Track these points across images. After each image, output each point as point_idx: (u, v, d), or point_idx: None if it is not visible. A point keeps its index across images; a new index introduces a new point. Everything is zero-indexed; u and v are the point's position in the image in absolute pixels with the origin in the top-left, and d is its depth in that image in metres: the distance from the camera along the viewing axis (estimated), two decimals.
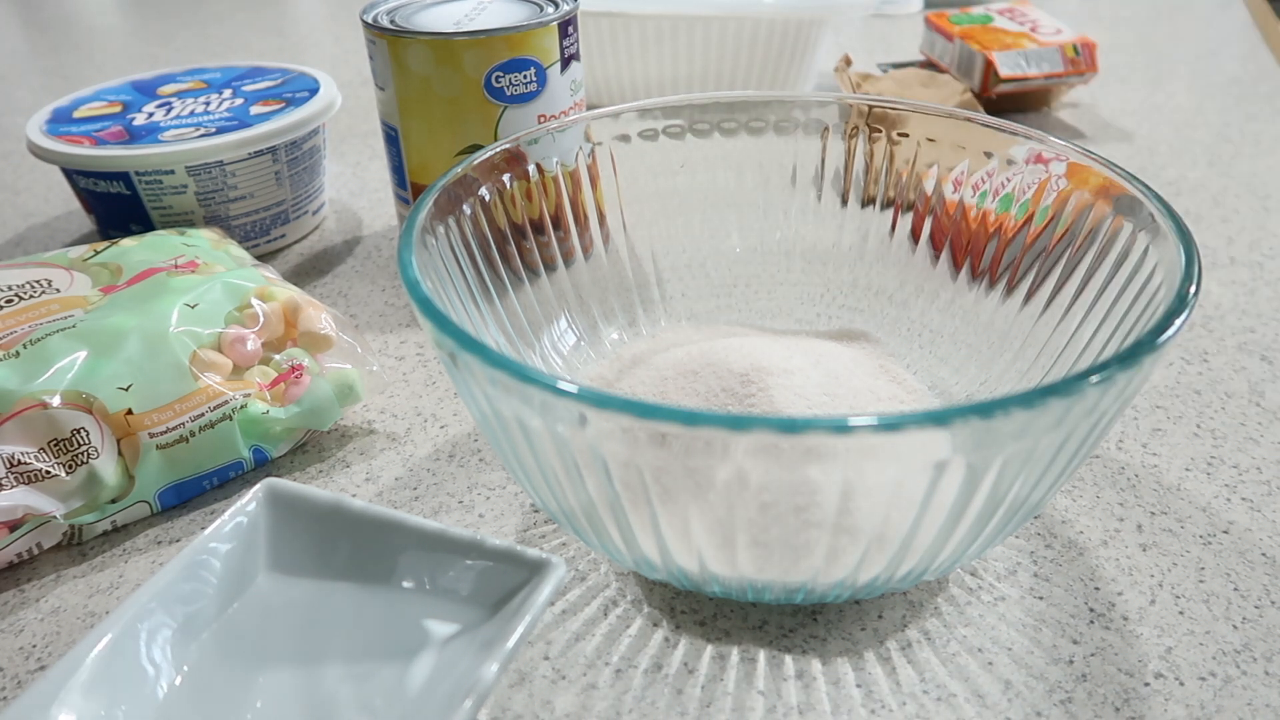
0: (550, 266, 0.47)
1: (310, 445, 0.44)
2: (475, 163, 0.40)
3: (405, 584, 0.33)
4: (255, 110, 0.59)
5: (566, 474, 0.29)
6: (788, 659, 0.33)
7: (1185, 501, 0.39)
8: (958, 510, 0.28)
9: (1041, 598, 0.35)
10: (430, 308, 0.29)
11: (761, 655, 0.33)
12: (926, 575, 0.32)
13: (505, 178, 0.42)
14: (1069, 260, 0.38)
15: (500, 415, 0.29)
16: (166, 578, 0.31)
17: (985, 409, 0.24)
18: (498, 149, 0.41)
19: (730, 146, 0.46)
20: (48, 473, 0.37)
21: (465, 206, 0.40)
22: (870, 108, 0.45)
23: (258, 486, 0.34)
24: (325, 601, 0.33)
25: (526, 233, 0.44)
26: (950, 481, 0.27)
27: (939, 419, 0.24)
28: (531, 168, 0.44)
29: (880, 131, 0.45)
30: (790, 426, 0.24)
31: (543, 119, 0.53)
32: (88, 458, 0.37)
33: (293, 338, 0.44)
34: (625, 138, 0.46)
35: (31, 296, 0.43)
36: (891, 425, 0.24)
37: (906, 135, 0.44)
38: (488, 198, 0.41)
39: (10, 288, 0.43)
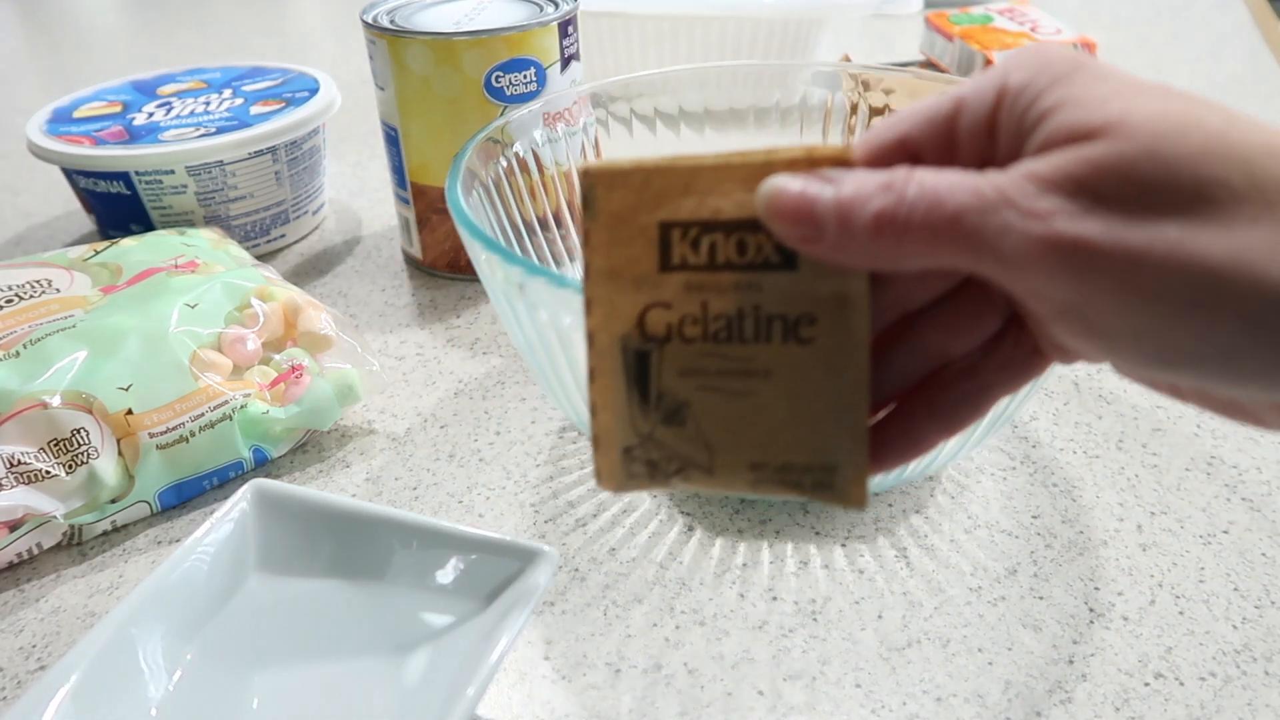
0: (558, 262, 0.48)
1: (310, 445, 0.44)
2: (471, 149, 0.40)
3: (398, 579, 0.33)
4: (255, 110, 0.59)
5: None
6: (787, 660, 0.33)
7: (1185, 501, 0.39)
8: None
9: (1041, 598, 0.35)
10: (493, 243, 0.33)
11: (762, 655, 0.33)
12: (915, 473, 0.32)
13: (502, 163, 0.43)
14: None
15: (562, 330, 0.32)
16: (159, 581, 0.31)
17: None
18: (490, 129, 0.42)
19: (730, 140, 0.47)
20: (48, 473, 0.37)
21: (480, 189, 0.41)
22: (870, 105, 0.45)
23: (245, 487, 0.34)
24: (318, 599, 0.33)
25: (535, 229, 0.45)
26: None
27: None
28: (532, 165, 0.44)
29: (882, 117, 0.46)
30: None
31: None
32: (88, 458, 0.37)
33: (293, 338, 0.44)
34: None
35: (31, 296, 0.43)
36: None
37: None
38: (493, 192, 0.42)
39: (10, 288, 0.43)
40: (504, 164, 0.43)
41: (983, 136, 0.22)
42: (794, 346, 0.23)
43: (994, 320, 0.24)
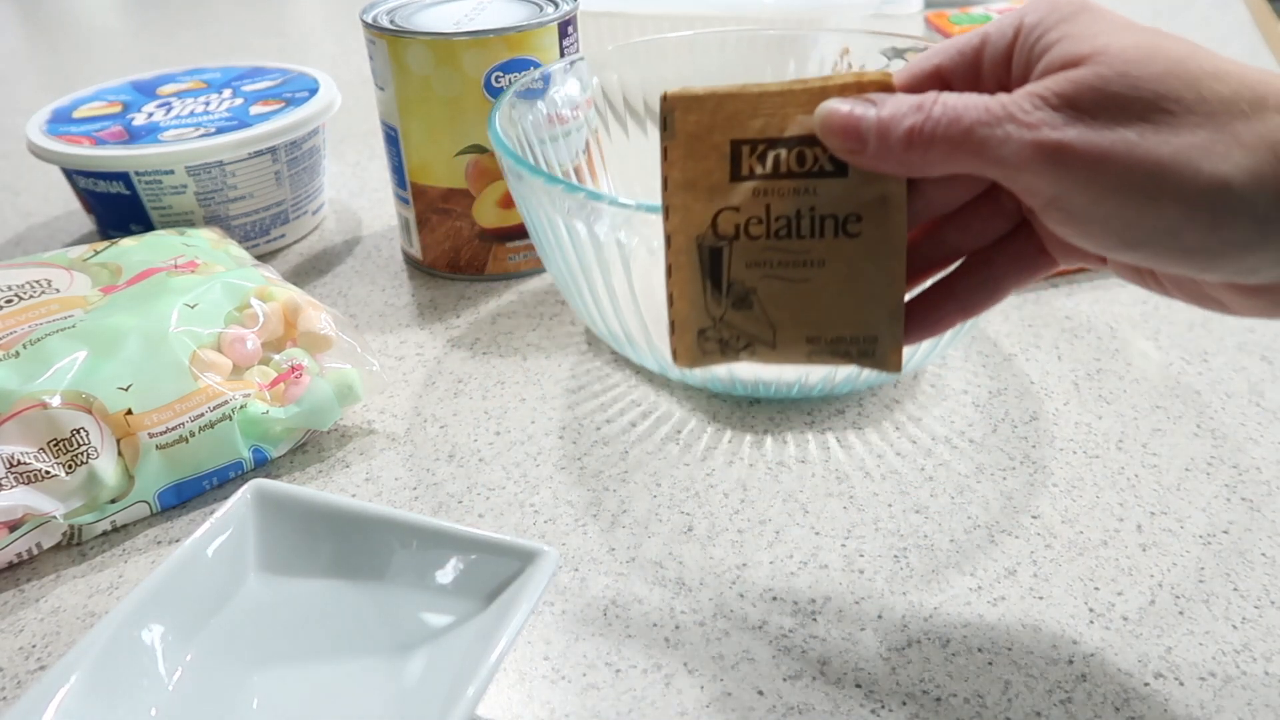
0: None
1: (310, 445, 0.44)
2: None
3: (397, 579, 0.33)
4: (255, 110, 0.59)
5: None
6: (787, 660, 0.33)
7: (1185, 501, 0.39)
8: None
9: (1041, 598, 0.35)
10: (553, 177, 0.36)
11: (762, 655, 0.33)
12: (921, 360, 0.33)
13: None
14: None
15: (625, 248, 0.37)
16: (159, 581, 0.31)
17: None
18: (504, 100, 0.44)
19: None
20: (48, 473, 0.37)
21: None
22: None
23: (245, 487, 0.34)
24: (318, 599, 0.33)
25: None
26: None
27: None
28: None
29: None
30: None
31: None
32: (88, 458, 0.37)
33: (292, 338, 0.44)
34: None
35: (31, 296, 0.43)
36: None
37: None
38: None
39: (10, 288, 0.43)
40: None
41: (1002, 66, 0.27)
42: (844, 240, 0.28)
43: (1003, 224, 0.29)
